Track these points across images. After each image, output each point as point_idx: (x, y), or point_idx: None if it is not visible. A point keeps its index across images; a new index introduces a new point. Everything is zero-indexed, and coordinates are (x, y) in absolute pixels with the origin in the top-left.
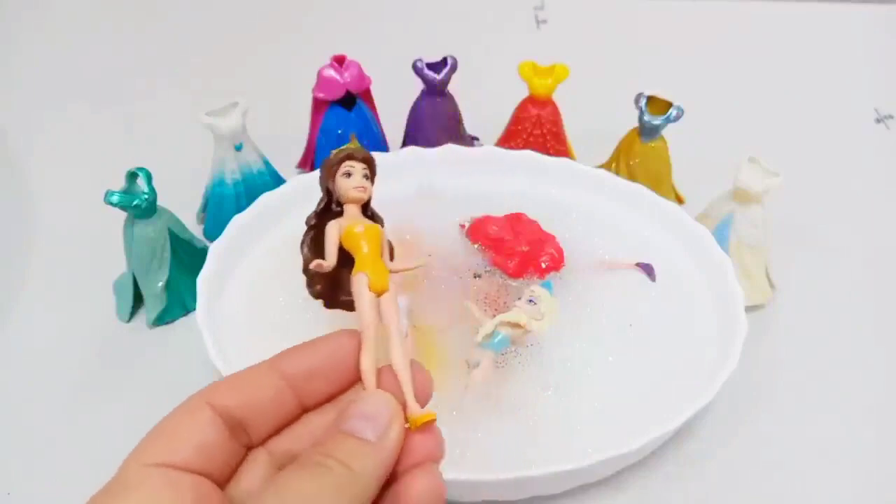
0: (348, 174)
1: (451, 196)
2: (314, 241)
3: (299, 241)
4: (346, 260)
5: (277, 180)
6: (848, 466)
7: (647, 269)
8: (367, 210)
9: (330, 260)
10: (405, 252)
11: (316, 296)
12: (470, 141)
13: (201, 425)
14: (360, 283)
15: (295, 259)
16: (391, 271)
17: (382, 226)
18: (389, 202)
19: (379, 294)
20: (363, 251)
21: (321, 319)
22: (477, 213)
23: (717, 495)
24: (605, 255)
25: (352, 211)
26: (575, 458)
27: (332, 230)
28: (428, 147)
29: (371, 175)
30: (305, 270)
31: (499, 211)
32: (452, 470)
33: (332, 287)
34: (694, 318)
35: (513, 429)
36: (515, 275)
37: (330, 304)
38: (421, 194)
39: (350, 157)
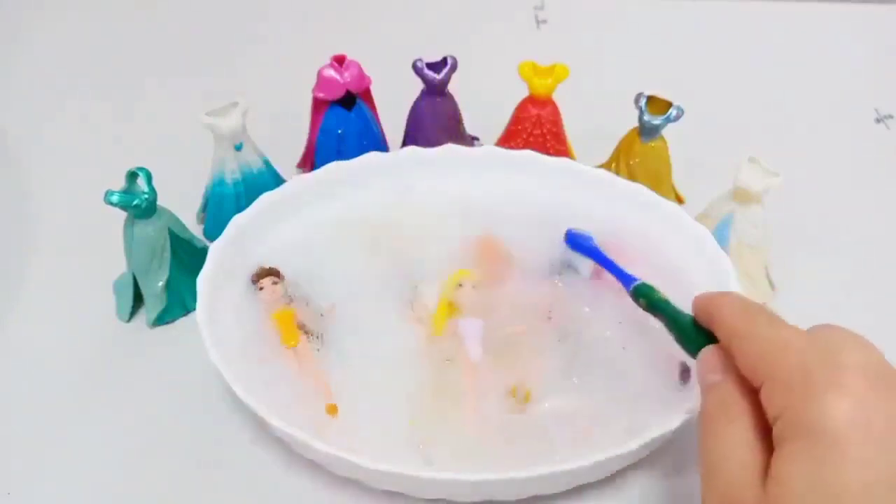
0: (261, 288)
1: (451, 196)
2: None
3: (298, 241)
4: None
5: (277, 180)
6: None
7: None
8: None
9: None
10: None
11: None
12: (470, 141)
13: None
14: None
15: (294, 259)
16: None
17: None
18: (389, 201)
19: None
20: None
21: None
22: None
23: None
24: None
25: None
26: (574, 459)
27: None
28: (428, 147)
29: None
30: None
31: (498, 210)
32: (453, 470)
33: None
34: None
35: (515, 427)
36: None
37: None
38: (402, 194)
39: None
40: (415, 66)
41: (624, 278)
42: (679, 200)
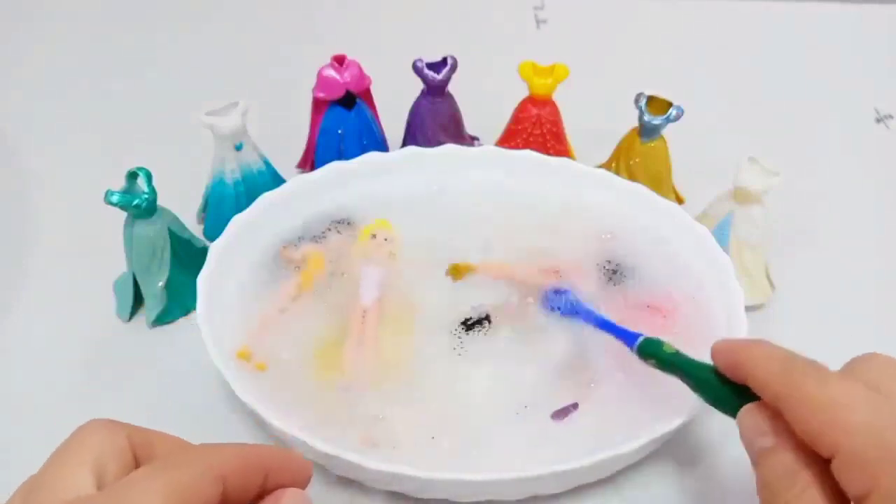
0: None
1: (450, 196)
2: None
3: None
4: None
5: (277, 180)
6: None
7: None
8: None
9: None
10: None
11: None
12: (470, 141)
13: None
14: None
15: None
16: None
17: None
18: (389, 201)
19: None
20: None
21: (320, 319)
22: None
23: (717, 495)
24: (604, 255)
25: None
26: (574, 458)
27: None
28: (428, 147)
29: None
30: None
31: (498, 210)
32: (452, 470)
33: None
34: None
35: (515, 426)
36: None
37: None
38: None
39: None
40: (415, 66)
41: (625, 336)
42: (679, 200)
